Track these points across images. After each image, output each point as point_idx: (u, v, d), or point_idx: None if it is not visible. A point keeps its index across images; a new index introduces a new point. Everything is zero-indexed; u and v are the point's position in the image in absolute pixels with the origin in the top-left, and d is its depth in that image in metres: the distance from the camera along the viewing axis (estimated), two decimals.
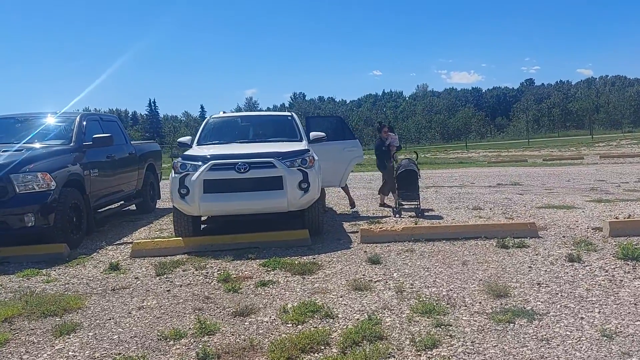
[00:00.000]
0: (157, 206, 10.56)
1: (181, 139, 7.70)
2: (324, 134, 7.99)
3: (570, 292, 4.16)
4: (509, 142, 51.00)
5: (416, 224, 7.36)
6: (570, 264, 5.03)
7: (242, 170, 6.22)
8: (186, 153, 6.85)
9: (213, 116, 8.45)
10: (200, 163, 6.29)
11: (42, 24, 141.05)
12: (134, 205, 9.85)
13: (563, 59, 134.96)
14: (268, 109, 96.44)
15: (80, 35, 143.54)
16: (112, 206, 8.99)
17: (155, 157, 10.41)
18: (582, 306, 3.84)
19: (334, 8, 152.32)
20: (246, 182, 6.26)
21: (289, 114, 8.46)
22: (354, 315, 3.85)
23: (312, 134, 7.91)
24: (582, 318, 3.61)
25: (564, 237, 6.31)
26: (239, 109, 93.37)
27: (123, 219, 9.29)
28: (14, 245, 6.42)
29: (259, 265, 5.46)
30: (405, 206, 8.82)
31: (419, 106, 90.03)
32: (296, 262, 5.49)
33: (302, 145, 7.03)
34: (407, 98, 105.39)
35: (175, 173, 6.44)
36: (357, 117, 76.48)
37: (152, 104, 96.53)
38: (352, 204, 9.23)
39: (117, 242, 7.18)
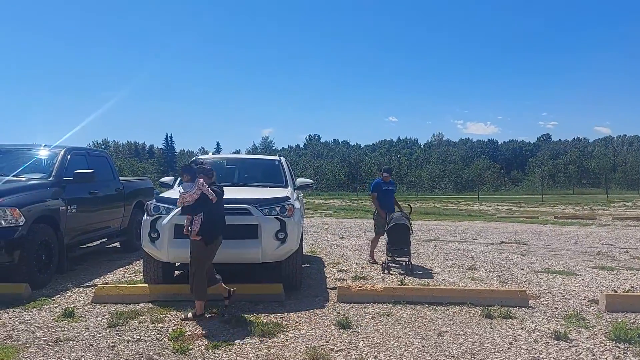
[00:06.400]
0: None
1: (163, 179, 7.49)
2: (311, 180, 7.75)
3: None
4: (522, 196, 50.15)
5: (401, 284, 6.94)
6: (556, 342, 4.57)
7: None
8: (161, 195, 6.59)
9: (198, 157, 8.26)
10: (173, 206, 6.01)
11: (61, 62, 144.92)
12: (118, 243, 9.59)
13: (581, 115, 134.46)
14: (283, 149, 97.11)
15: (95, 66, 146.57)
16: (94, 243, 8.73)
17: (145, 194, 10.18)
18: None
19: (354, 52, 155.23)
20: None
21: (277, 158, 8.21)
22: None
23: (299, 181, 7.65)
24: None
25: (556, 308, 5.83)
26: (254, 148, 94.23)
27: (104, 257, 9.00)
28: None
29: (220, 321, 5.07)
30: (396, 262, 8.40)
31: (434, 155, 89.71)
32: (260, 320, 5.10)
33: (283, 192, 6.73)
34: (422, 146, 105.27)
35: (147, 215, 6.16)
36: (370, 162, 76.32)
37: (169, 139, 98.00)
38: None
39: (86, 283, 6.86)
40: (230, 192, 6.54)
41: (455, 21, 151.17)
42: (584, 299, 6.29)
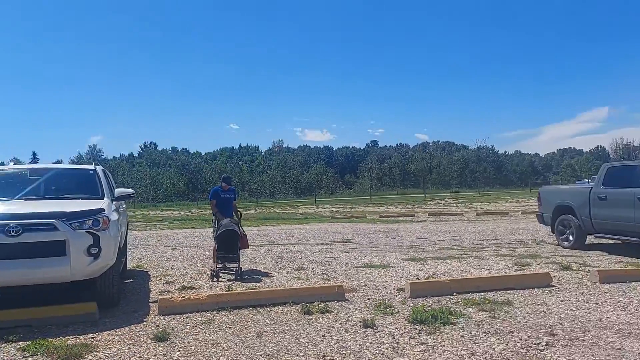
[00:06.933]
0: None
1: None
2: (131, 190, 7.36)
3: None
4: (355, 198, 53.82)
5: (228, 290, 6.94)
6: (364, 330, 4.97)
7: (13, 233, 5.29)
8: None
9: None
10: None
11: None
12: None
13: (403, 123, 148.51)
14: (114, 158, 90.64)
15: None
16: None
17: None
18: None
19: (190, 59, 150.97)
20: (18, 247, 5.33)
21: (92, 167, 7.62)
22: None
23: (118, 191, 7.21)
24: None
25: (368, 299, 6.35)
26: (79, 157, 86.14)
27: None
28: None
29: (17, 349, 4.53)
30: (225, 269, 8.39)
31: (274, 161, 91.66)
32: (66, 343, 4.68)
33: (98, 204, 6.27)
34: (262, 153, 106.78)
35: None
36: (211, 170, 75.13)
37: None
38: None
39: None
40: (32, 206, 5.94)
41: (288, 33, 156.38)
42: (394, 289, 6.95)
